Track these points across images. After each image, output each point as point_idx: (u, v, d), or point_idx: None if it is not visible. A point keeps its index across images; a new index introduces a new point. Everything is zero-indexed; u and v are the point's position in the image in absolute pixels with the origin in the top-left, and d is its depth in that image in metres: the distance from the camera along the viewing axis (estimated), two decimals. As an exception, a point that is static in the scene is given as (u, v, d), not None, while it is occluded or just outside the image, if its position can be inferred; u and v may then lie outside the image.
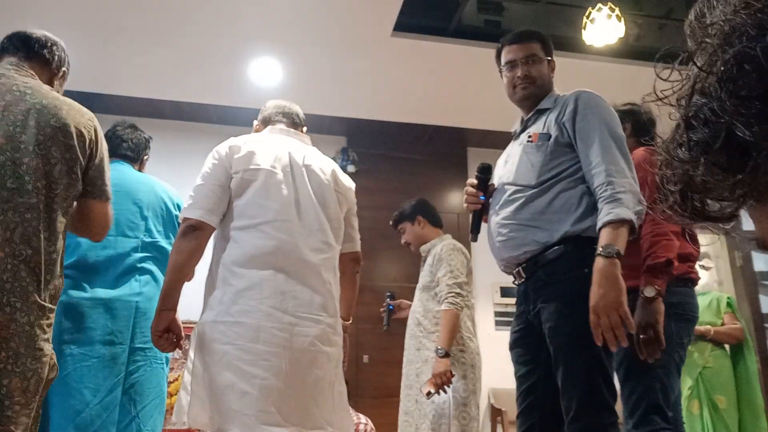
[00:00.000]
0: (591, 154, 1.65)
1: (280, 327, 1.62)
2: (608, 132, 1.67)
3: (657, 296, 1.84)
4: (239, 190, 1.73)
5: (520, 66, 1.87)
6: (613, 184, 1.58)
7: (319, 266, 1.74)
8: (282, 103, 2.04)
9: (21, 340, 1.33)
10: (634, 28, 4.22)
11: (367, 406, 4.32)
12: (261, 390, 1.56)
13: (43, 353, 1.39)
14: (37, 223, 1.41)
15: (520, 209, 1.72)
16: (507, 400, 4.47)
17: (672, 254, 1.90)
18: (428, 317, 2.78)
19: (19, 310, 1.33)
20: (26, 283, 1.36)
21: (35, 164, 1.43)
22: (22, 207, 1.39)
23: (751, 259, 5.66)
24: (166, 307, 1.66)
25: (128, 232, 2.16)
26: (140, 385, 2.07)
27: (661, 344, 1.83)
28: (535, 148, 1.77)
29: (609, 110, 1.74)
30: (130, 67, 4.18)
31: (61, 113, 1.51)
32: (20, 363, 1.32)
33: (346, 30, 3.81)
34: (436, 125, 5.07)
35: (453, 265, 2.73)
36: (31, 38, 1.67)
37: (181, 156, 4.47)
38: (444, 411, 2.64)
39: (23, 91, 1.49)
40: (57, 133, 1.48)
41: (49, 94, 1.54)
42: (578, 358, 1.58)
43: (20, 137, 1.43)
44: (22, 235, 1.38)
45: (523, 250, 1.70)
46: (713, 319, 3.66)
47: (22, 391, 1.32)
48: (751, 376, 3.59)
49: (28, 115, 1.45)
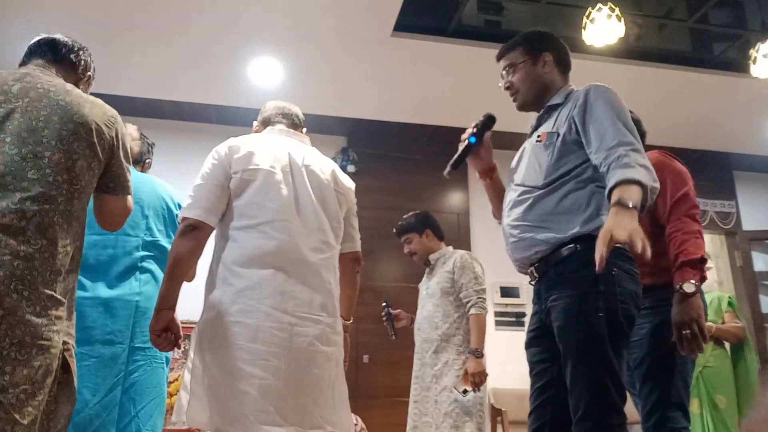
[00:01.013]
0: (600, 135, 1.61)
1: (279, 327, 1.62)
2: (617, 117, 1.63)
3: (696, 291, 1.84)
4: (239, 190, 1.74)
5: (503, 80, 1.90)
6: (625, 156, 1.53)
7: (318, 266, 1.74)
8: (281, 104, 2.04)
9: (27, 329, 1.32)
10: (634, 28, 4.22)
11: (366, 406, 4.31)
12: (260, 390, 1.56)
13: (51, 344, 1.38)
14: (54, 214, 1.42)
15: (529, 210, 1.72)
16: (507, 400, 4.46)
17: (703, 252, 1.90)
18: (448, 321, 2.94)
19: (26, 299, 1.33)
20: (37, 273, 1.36)
21: (57, 158, 1.44)
22: (41, 198, 1.40)
23: (751, 259, 5.66)
24: (164, 306, 1.67)
25: (129, 231, 2.16)
26: (140, 385, 2.07)
27: (706, 339, 1.83)
28: (543, 147, 1.75)
29: (619, 100, 1.70)
30: (130, 67, 4.18)
31: (84, 110, 1.53)
32: (24, 352, 1.31)
33: (346, 30, 3.81)
34: (436, 125, 5.07)
35: (476, 273, 2.98)
36: (58, 43, 1.70)
37: (181, 156, 4.47)
38: (469, 409, 2.80)
39: (47, 88, 1.51)
40: (79, 129, 1.50)
41: (72, 91, 1.56)
42: (586, 358, 1.56)
43: (43, 131, 1.44)
44: (38, 224, 1.38)
45: (534, 250, 1.70)
46: (714, 319, 3.67)
47: (28, 379, 1.32)
48: (751, 376, 3.59)
49: (51, 111, 1.47)
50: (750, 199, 5.92)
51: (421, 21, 3.99)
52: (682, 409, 1.90)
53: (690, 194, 2.02)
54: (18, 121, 1.43)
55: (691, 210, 1.98)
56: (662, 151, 2.20)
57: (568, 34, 4.05)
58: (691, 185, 2.07)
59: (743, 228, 5.77)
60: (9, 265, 1.31)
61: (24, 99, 1.47)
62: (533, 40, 1.89)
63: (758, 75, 3.67)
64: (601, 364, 1.55)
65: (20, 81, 1.51)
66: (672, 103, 4.64)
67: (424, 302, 3.08)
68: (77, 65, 1.74)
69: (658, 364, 1.95)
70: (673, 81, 4.38)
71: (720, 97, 4.61)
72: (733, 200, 5.84)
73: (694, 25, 4.26)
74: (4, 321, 1.29)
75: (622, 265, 1.60)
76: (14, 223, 1.34)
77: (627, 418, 1.54)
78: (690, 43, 4.62)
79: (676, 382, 1.92)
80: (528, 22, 4.27)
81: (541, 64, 1.85)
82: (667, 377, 1.92)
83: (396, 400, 2.89)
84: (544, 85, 1.85)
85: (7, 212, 1.34)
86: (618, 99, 1.70)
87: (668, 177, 2.06)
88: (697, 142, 5.34)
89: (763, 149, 5.50)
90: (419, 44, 3.95)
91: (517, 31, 1.97)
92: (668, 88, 4.46)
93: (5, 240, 1.32)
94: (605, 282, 1.56)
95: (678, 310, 1.84)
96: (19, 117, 1.43)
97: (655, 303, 1.97)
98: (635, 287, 1.62)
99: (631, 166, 1.48)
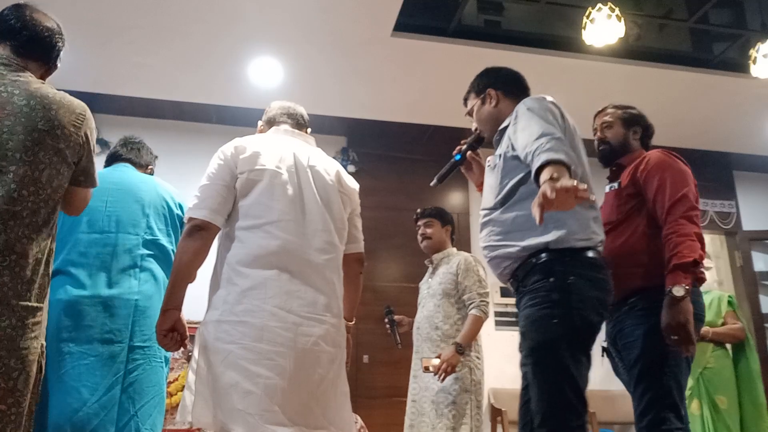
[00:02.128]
0: (525, 136, 1.65)
1: (284, 327, 1.62)
2: (540, 116, 1.69)
3: (686, 295, 1.85)
4: (244, 191, 1.74)
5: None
6: (547, 143, 1.55)
7: (323, 266, 1.75)
8: (286, 104, 2.04)
9: (2, 343, 1.34)
10: (634, 28, 4.22)
11: (366, 406, 4.31)
12: (265, 389, 1.56)
13: (29, 351, 1.39)
14: (20, 229, 1.41)
15: (491, 231, 1.84)
16: (507, 400, 4.47)
17: (697, 255, 1.91)
18: (449, 322, 2.95)
19: (0, 314, 1.34)
20: (8, 288, 1.37)
21: (22, 172, 1.43)
22: (6, 215, 1.39)
23: (751, 259, 5.66)
24: (170, 306, 1.67)
25: (130, 229, 2.16)
26: (139, 384, 2.06)
27: (693, 343, 1.86)
28: (490, 170, 1.91)
29: (543, 105, 1.77)
30: (130, 67, 4.18)
31: (49, 114, 1.49)
32: (2, 364, 1.33)
33: (347, 30, 3.81)
34: (436, 125, 5.07)
35: (480, 276, 3.00)
36: (25, 25, 1.59)
37: (181, 156, 4.47)
38: (466, 412, 2.81)
39: (11, 92, 1.47)
40: (45, 137, 1.47)
41: (37, 93, 1.50)
42: (541, 364, 1.65)
43: (7, 144, 1.42)
44: (5, 242, 1.38)
45: (502, 267, 1.81)
46: (714, 319, 3.66)
47: (8, 390, 1.33)
48: (753, 375, 3.59)
49: (15, 121, 1.44)
50: (750, 199, 5.92)
51: (421, 21, 3.99)
52: (676, 410, 1.89)
53: (689, 195, 2.01)
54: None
55: (689, 212, 1.98)
56: (665, 150, 2.19)
57: (568, 34, 4.05)
58: (692, 186, 2.06)
59: (743, 228, 5.77)
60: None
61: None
62: (478, 81, 2.05)
63: (758, 75, 3.67)
64: (555, 370, 1.62)
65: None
66: (672, 103, 4.63)
67: (425, 301, 3.09)
68: (51, 64, 1.67)
69: (652, 365, 1.94)
70: (673, 81, 4.38)
71: (720, 97, 4.61)
72: (733, 200, 5.84)
73: (694, 25, 4.26)
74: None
75: (583, 273, 1.67)
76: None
77: (586, 420, 1.61)
78: (690, 43, 4.61)
79: (669, 383, 1.91)
80: (528, 22, 4.27)
81: (489, 101, 2.00)
82: (661, 378, 1.92)
83: (396, 400, 2.89)
84: (495, 118, 1.97)
85: None
86: (543, 104, 1.78)
87: (668, 177, 2.05)
88: (697, 142, 5.33)
89: (763, 149, 5.50)
90: (419, 44, 3.95)
91: (517, 31, 1.98)
92: (668, 88, 4.46)
93: None
94: (560, 290, 1.65)
95: (666, 314, 1.86)
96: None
97: (650, 304, 1.97)
98: (597, 293, 1.68)
99: (555, 150, 1.52)
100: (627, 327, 2.04)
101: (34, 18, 1.63)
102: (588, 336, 1.66)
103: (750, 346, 3.67)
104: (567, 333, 1.62)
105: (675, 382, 1.92)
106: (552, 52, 4.05)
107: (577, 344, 1.63)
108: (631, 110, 2.32)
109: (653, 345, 1.94)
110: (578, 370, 1.62)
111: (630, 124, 2.29)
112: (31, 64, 1.60)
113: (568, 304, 1.63)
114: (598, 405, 4.42)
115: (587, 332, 1.65)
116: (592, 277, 1.68)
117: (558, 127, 1.69)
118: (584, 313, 1.63)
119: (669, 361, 1.92)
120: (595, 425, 4.22)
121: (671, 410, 1.89)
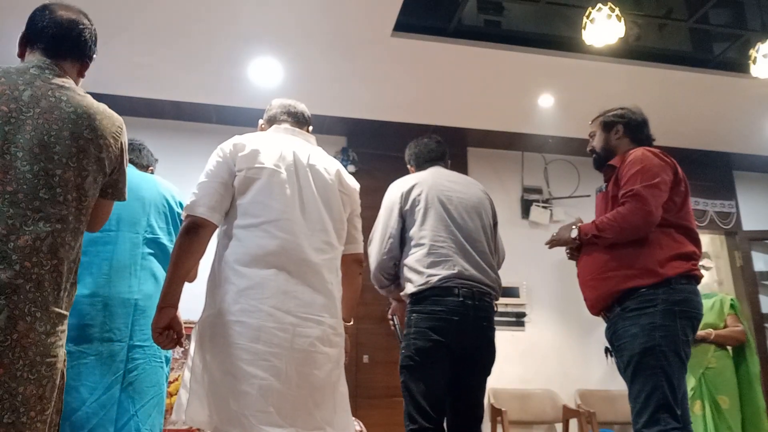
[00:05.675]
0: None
1: (281, 327, 1.61)
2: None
3: (576, 239, 2.22)
4: (243, 189, 1.73)
5: None
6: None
7: (320, 266, 1.74)
8: (287, 102, 2.03)
9: (38, 349, 1.34)
10: (634, 28, 4.21)
11: (366, 406, 4.31)
12: (260, 390, 1.55)
13: (57, 359, 1.40)
14: (65, 234, 1.42)
15: None
16: (507, 400, 4.46)
17: (606, 235, 2.09)
18: None
19: (38, 319, 1.34)
20: (47, 293, 1.37)
21: (68, 176, 1.43)
22: (53, 218, 1.39)
23: (751, 259, 5.66)
24: (167, 303, 1.66)
25: (130, 228, 2.16)
26: (139, 383, 2.06)
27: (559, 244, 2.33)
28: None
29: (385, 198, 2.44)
30: (130, 67, 4.18)
31: (94, 124, 1.51)
32: (35, 371, 1.33)
33: (346, 30, 3.80)
34: (436, 125, 5.06)
35: None
36: (66, 33, 1.62)
37: (181, 156, 4.46)
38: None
39: (58, 97, 1.48)
40: (89, 145, 1.48)
41: (83, 102, 1.52)
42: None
43: (54, 147, 1.42)
44: (50, 245, 1.38)
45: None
46: (716, 321, 3.66)
47: (38, 398, 1.33)
48: (752, 378, 3.60)
49: (62, 125, 1.45)
50: (750, 199, 5.91)
51: (421, 21, 3.98)
52: (670, 410, 1.89)
53: (657, 177, 2.05)
54: (30, 134, 1.40)
55: (648, 181, 2.04)
56: (649, 148, 2.21)
57: (568, 34, 4.05)
58: (665, 177, 2.07)
59: (743, 228, 5.77)
60: (23, 289, 1.31)
61: (35, 109, 1.43)
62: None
63: (758, 75, 3.67)
64: (404, 391, 2.20)
65: (30, 86, 1.46)
66: (672, 103, 4.63)
67: None
68: (85, 57, 1.69)
69: (645, 366, 1.95)
70: (673, 81, 4.38)
71: (720, 97, 4.61)
72: (733, 200, 5.83)
73: (694, 25, 4.26)
74: (19, 344, 1.30)
75: (420, 309, 2.18)
76: (29, 245, 1.34)
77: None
78: (690, 43, 4.61)
79: (662, 384, 1.91)
80: (528, 23, 4.26)
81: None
82: (654, 378, 1.93)
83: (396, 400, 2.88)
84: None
85: (21, 234, 1.34)
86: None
87: (641, 167, 2.09)
88: (697, 142, 5.33)
89: (763, 149, 5.50)
90: (419, 44, 3.95)
91: (517, 31, 1.98)
92: (668, 88, 4.45)
93: (21, 262, 1.32)
94: (407, 324, 2.22)
95: (559, 232, 2.30)
96: (31, 130, 1.41)
97: (640, 305, 1.98)
98: (429, 323, 2.15)
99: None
100: (620, 329, 2.05)
101: (54, 15, 1.62)
102: (421, 359, 2.17)
103: (750, 349, 3.67)
104: (407, 359, 2.23)
105: (667, 382, 1.92)
106: (552, 52, 4.04)
107: (413, 368, 2.21)
108: (611, 111, 2.35)
109: (643, 345, 1.95)
110: (419, 388, 2.18)
111: (609, 127, 2.33)
112: (65, 64, 1.59)
113: (409, 336, 2.22)
114: (598, 405, 4.43)
115: (420, 356, 2.18)
116: (428, 311, 2.17)
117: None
118: (416, 342, 2.16)
119: (662, 361, 1.92)
120: (595, 425, 4.22)
121: (665, 410, 1.89)
